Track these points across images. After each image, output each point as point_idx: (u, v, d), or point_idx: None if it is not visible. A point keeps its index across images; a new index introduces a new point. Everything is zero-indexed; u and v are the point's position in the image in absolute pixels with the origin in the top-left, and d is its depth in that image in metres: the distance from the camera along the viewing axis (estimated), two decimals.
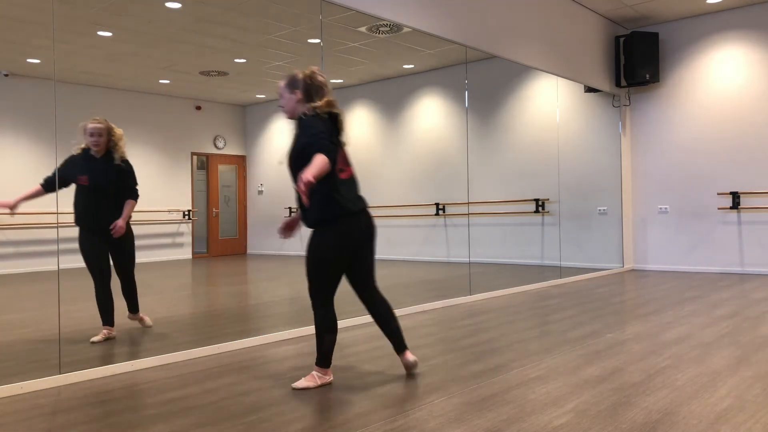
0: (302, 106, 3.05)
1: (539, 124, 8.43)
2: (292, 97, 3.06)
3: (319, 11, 4.89)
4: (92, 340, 4.20)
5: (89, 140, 4.21)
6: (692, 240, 8.15)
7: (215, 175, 8.17)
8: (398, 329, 3.24)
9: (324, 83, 3.06)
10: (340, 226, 3.03)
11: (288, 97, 3.08)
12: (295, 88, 3.05)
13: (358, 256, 3.15)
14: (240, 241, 8.99)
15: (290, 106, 3.08)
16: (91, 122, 4.22)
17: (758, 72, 7.68)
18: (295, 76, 3.07)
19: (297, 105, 3.06)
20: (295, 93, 3.05)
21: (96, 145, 4.21)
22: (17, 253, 5.57)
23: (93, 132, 4.19)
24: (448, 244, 7.98)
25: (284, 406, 2.80)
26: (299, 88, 3.04)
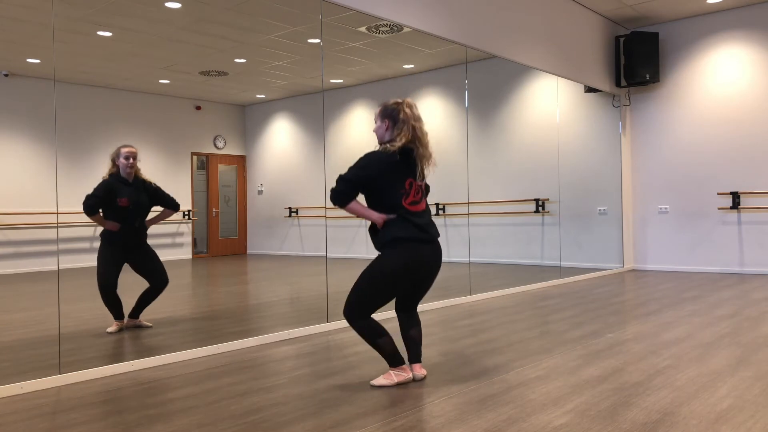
0: (387, 135, 3.17)
1: (539, 124, 8.43)
2: (381, 125, 3.18)
3: (319, 11, 4.89)
4: (108, 330, 4.48)
5: (124, 164, 4.51)
6: (692, 240, 8.15)
7: (215, 175, 8.17)
8: (418, 340, 3.24)
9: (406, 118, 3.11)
10: (406, 251, 3.06)
11: (378, 125, 3.20)
12: (384, 117, 3.17)
13: (419, 285, 3.19)
14: (240, 241, 8.99)
15: (379, 134, 3.21)
16: (125, 147, 4.53)
17: (758, 72, 7.68)
18: (386, 105, 3.18)
19: (384, 133, 3.18)
20: (385, 122, 3.16)
21: (131, 168, 4.53)
22: (17, 253, 5.57)
23: (129, 155, 4.51)
24: (448, 244, 7.98)
25: (284, 406, 2.80)
26: (387, 117, 3.16)
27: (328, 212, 6.36)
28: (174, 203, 4.78)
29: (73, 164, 5.76)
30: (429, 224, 3.16)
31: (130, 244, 4.57)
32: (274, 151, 10.07)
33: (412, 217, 3.08)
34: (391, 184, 3.07)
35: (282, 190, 9.98)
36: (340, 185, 3.05)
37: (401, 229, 3.06)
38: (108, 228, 4.49)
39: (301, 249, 9.90)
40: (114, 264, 4.52)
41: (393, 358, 3.13)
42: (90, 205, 4.39)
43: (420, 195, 3.17)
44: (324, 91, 6.47)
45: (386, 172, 3.06)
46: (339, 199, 3.05)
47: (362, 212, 3.10)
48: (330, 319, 4.74)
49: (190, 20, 6.21)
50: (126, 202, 4.48)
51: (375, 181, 3.06)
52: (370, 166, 3.06)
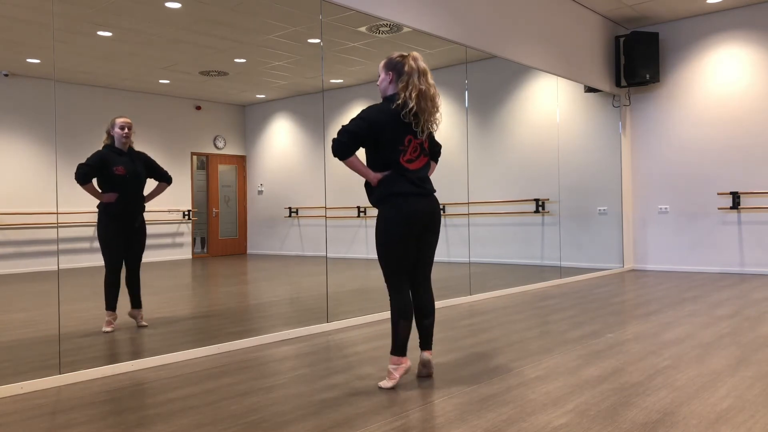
0: (391, 88, 3.15)
1: (539, 124, 8.43)
2: (385, 78, 3.17)
3: (319, 11, 4.89)
4: (104, 330, 4.44)
5: (120, 133, 4.51)
6: (692, 240, 8.15)
7: (215, 175, 8.17)
8: (430, 328, 3.25)
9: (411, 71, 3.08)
10: (401, 204, 3.06)
11: (381, 78, 3.19)
12: (389, 69, 3.15)
13: (422, 240, 3.17)
14: (240, 241, 8.99)
15: (382, 87, 3.20)
16: (121, 117, 4.54)
17: (758, 72, 7.68)
18: (391, 58, 3.16)
19: (388, 86, 3.17)
20: (389, 74, 3.15)
21: (126, 138, 4.53)
22: (17, 253, 5.57)
23: (124, 125, 4.52)
24: (448, 244, 7.98)
25: (284, 406, 2.80)
26: (391, 69, 3.14)
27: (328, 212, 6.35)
28: (168, 176, 4.77)
29: (73, 164, 5.75)
30: (423, 179, 3.16)
31: (129, 214, 4.54)
32: (274, 151, 10.07)
33: (406, 173, 3.09)
34: (391, 139, 3.07)
35: (282, 190, 9.98)
36: (342, 136, 3.03)
37: (395, 184, 3.07)
38: (105, 200, 4.44)
39: (301, 249, 9.90)
40: (118, 239, 4.49)
41: (400, 346, 3.10)
42: (82, 173, 4.32)
43: (418, 152, 3.15)
44: (324, 91, 6.47)
45: (387, 126, 3.05)
46: (340, 150, 3.03)
47: (360, 169, 3.10)
48: (330, 319, 4.74)
49: (190, 20, 6.20)
50: (122, 170, 4.45)
51: (376, 133, 3.05)
52: (372, 118, 3.06)
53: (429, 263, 3.25)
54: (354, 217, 9.08)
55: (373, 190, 3.16)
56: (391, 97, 3.12)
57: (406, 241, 3.08)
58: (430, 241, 3.20)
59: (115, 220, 4.49)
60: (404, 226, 3.06)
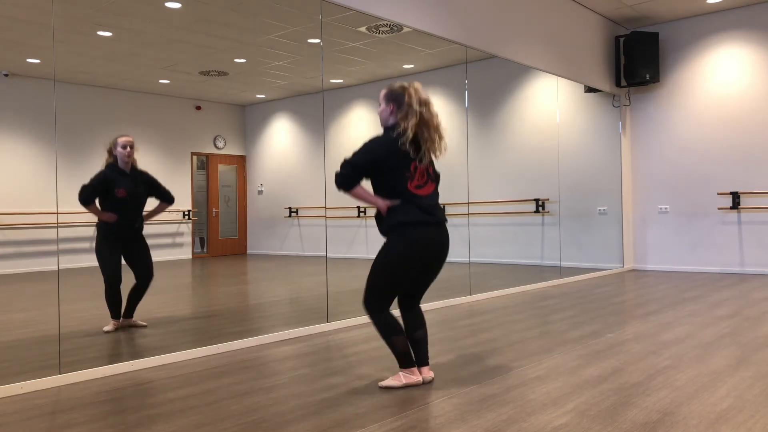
0: (392, 119, 3.13)
1: (539, 124, 8.43)
2: (386, 108, 3.14)
3: (319, 11, 4.89)
4: (105, 329, 4.47)
5: (121, 153, 4.49)
6: (692, 240, 8.15)
7: (215, 175, 8.17)
8: (425, 342, 3.19)
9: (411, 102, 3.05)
10: (412, 234, 3.02)
11: (382, 108, 3.16)
12: (389, 100, 3.12)
13: (425, 272, 3.13)
14: (240, 241, 9.00)
15: (383, 117, 3.17)
16: (122, 137, 4.50)
17: (758, 72, 7.68)
18: (392, 88, 3.14)
19: (389, 116, 3.14)
20: (389, 105, 3.12)
21: (128, 158, 4.50)
22: (17, 253, 5.57)
23: (126, 144, 4.49)
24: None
25: (284, 406, 2.80)
26: (392, 100, 3.12)
27: (328, 212, 6.35)
28: (170, 196, 4.76)
29: (73, 164, 5.76)
30: (434, 207, 3.12)
31: (126, 236, 4.54)
32: (274, 151, 10.07)
33: (416, 200, 3.04)
34: (396, 167, 3.03)
35: (282, 190, 9.98)
36: (345, 169, 3.01)
37: (406, 212, 3.02)
38: (105, 219, 4.45)
39: (301, 249, 9.90)
40: (116, 258, 4.49)
41: (404, 359, 3.08)
42: (85, 196, 4.36)
43: (425, 179, 3.12)
44: (324, 91, 6.47)
45: (391, 156, 3.03)
46: (344, 183, 3.02)
47: (366, 198, 3.08)
48: (330, 319, 4.74)
49: (190, 20, 6.20)
50: (123, 192, 4.44)
51: (380, 165, 3.02)
52: (374, 150, 3.04)
53: (428, 286, 3.24)
54: (354, 217, 9.08)
55: (382, 219, 3.11)
56: (392, 127, 3.10)
57: (408, 275, 3.06)
58: (435, 269, 3.17)
59: (111, 238, 4.50)
60: (410, 259, 3.02)
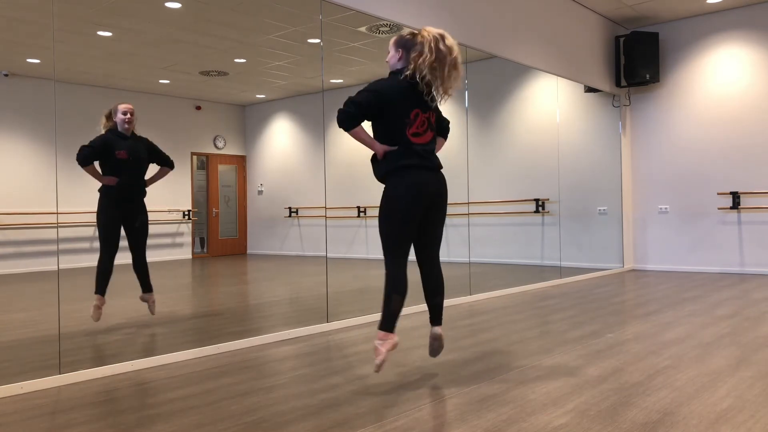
0: (399, 64, 3.16)
1: (539, 124, 8.42)
2: (395, 55, 3.18)
3: (319, 11, 4.89)
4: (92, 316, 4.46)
5: (122, 118, 4.52)
6: (692, 240, 8.15)
7: (215, 175, 8.16)
8: (440, 306, 3.26)
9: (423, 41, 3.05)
10: (408, 177, 3.05)
11: (391, 55, 3.20)
12: (398, 47, 3.17)
13: (428, 217, 3.15)
14: (240, 241, 8.99)
15: (391, 63, 3.21)
16: (123, 104, 4.54)
17: (758, 72, 7.68)
18: (402, 35, 3.18)
19: (397, 63, 3.18)
20: (398, 51, 3.16)
21: (129, 123, 4.53)
22: (17, 253, 5.56)
23: (126, 111, 4.53)
24: (448, 244, 7.98)
25: (284, 406, 2.80)
26: (401, 47, 3.16)
27: (328, 212, 6.35)
28: (170, 161, 4.78)
29: (73, 164, 5.75)
30: (430, 153, 3.15)
31: (129, 199, 4.54)
32: (274, 151, 10.07)
33: (413, 146, 3.08)
34: (397, 112, 3.06)
35: (282, 190, 9.98)
36: (349, 107, 3.02)
37: (401, 157, 3.06)
38: (105, 182, 4.44)
39: (301, 249, 9.90)
40: (115, 225, 4.49)
41: (389, 320, 3.04)
42: (84, 155, 4.34)
43: (425, 126, 3.14)
44: (324, 91, 6.47)
45: (394, 98, 3.05)
46: (346, 122, 3.03)
47: (366, 139, 3.10)
48: (330, 319, 4.74)
49: (190, 20, 6.20)
50: (125, 154, 4.46)
51: (383, 106, 3.05)
52: (379, 90, 3.05)
53: (437, 241, 3.24)
54: (354, 217, 9.08)
55: (379, 163, 3.15)
56: (398, 71, 3.13)
57: (411, 216, 3.05)
58: (436, 218, 3.17)
59: (115, 204, 4.48)
60: (410, 200, 3.03)
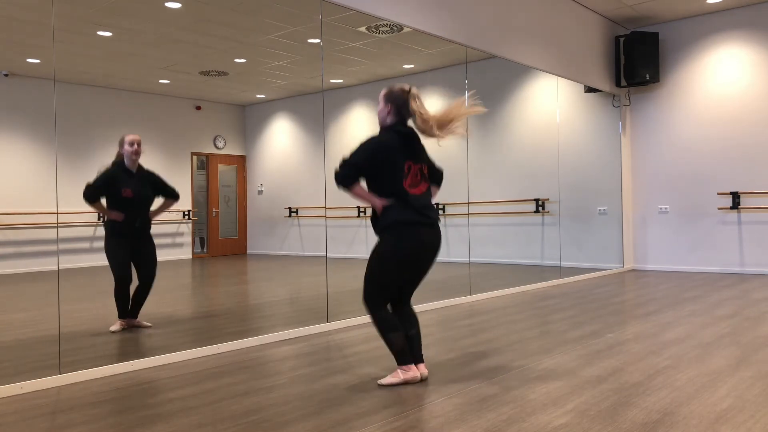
0: (389, 119, 3.23)
1: (539, 124, 8.43)
2: (384, 109, 3.24)
3: (319, 11, 4.89)
4: (111, 329, 4.49)
5: (129, 150, 4.52)
6: (692, 240, 8.15)
7: (215, 175, 8.16)
8: (417, 338, 3.24)
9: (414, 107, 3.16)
10: (406, 234, 3.10)
11: (381, 108, 3.26)
12: (388, 101, 3.23)
13: (419, 268, 3.20)
14: (240, 241, 8.99)
15: (381, 117, 3.27)
16: (130, 135, 4.54)
17: (758, 72, 7.68)
18: (392, 90, 3.23)
19: (387, 116, 3.25)
20: (388, 106, 3.23)
21: (136, 155, 4.53)
22: (17, 253, 5.56)
23: (133, 142, 4.52)
24: (448, 244, 7.98)
25: (284, 406, 2.80)
26: (390, 101, 3.22)
27: (328, 212, 6.36)
28: (175, 193, 4.80)
29: (73, 164, 5.76)
30: (427, 207, 3.20)
31: (135, 234, 4.58)
32: (274, 151, 10.07)
33: (410, 199, 3.13)
34: (392, 166, 3.13)
35: (282, 190, 9.98)
36: (344, 169, 3.10)
37: (400, 212, 3.11)
38: (112, 218, 4.48)
39: (301, 249, 9.90)
40: (125, 256, 4.53)
41: (401, 356, 3.14)
42: (89, 194, 4.39)
43: (419, 177, 3.21)
44: (324, 91, 6.48)
45: (387, 156, 3.12)
46: (343, 182, 3.11)
47: (364, 196, 3.17)
48: (330, 319, 4.74)
49: (190, 20, 6.20)
50: (130, 193, 4.48)
51: (377, 165, 3.12)
52: (372, 149, 3.13)
53: (418, 285, 3.31)
54: (354, 217, 9.08)
55: (377, 218, 3.19)
56: (389, 127, 3.20)
57: (404, 272, 3.14)
58: (426, 268, 3.24)
59: (122, 237, 4.53)
60: (406, 258, 3.11)
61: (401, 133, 3.18)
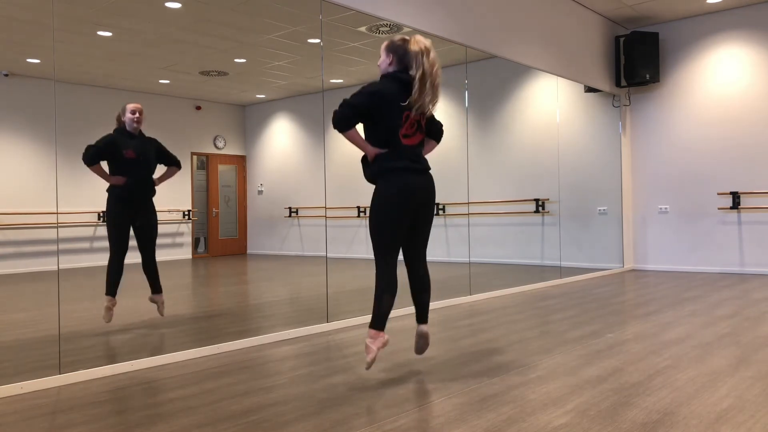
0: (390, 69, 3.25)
1: (539, 124, 8.42)
2: (386, 59, 3.27)
3: (319, 11, 4.89)
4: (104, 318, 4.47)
5: (131, 117, 4.52)
6: (692, 240, 8.15)
7: (215, 175, 8.16)
8: (426, 303, 3.34)
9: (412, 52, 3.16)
10: (397, 179, 3.13)
11: (382, 59, 3.28)
12: (390, 51, 3.25)
13: (417, 217, 3.22)
14: (240, 241, 8.99)
15: (382, 67, 3.29)
16: (132, 103, 4.55)
17: (758, 72, 7.68)
18: (393, 40, 3.25)
19: (388, 67, 3.27)
20: (389, 56, 3.25)
21: (138, 122, 4.52)
22: (17, 253, 5.56)
23: (135, 110, 4.53)
24: (448, 244, 7.98)
25: (284, 406, 2.80)
26: (392, 51, 3.24)
27: (328, 212, 6.35)
28: (177, 160, 4.78)
29: (73, 164, 5.75)
30: (418, 155, 3.23)
31: (138, 199, 4.54)
32: (274, 151, 10.07)
33: (402, 148, 3.16)
34: (390, 114, 3.14)
35: (282, 190, 9.98)
36: (344, 109, 3.10)
37: (391, 159, 3.14)
38: (113, 182, 4.44)
39: (301, 249, 9.89)
40: (124, 226, 4.49)
41: (380, 320, 3.13)
42: (90, 155, 4.34)
43: (414, 129, 3.23)
44: (324, 91, 6.47)
45: (386, 101, 3.13)
46: (341, 123, 3.11)
47: (359, 142, 3.17)
48: (330, 319, 4.74)
49: (190, 20, 6.20)
50: (132, 153, 4.46)
51: (377, 109, 3.13)
52: (373, 93, 3.13)
53: (424, 241, 3.33)
54: (354, 217, 9.08)
55: (368, 165, 3.22)
56: (390, 75, 3.21)
57: (400, 216, 3.14)
58: (425, 217, 3.26)
59: (124, 203, 4.48)
60: (399, 201, 3.12)
61: (402, 81, 3.17)
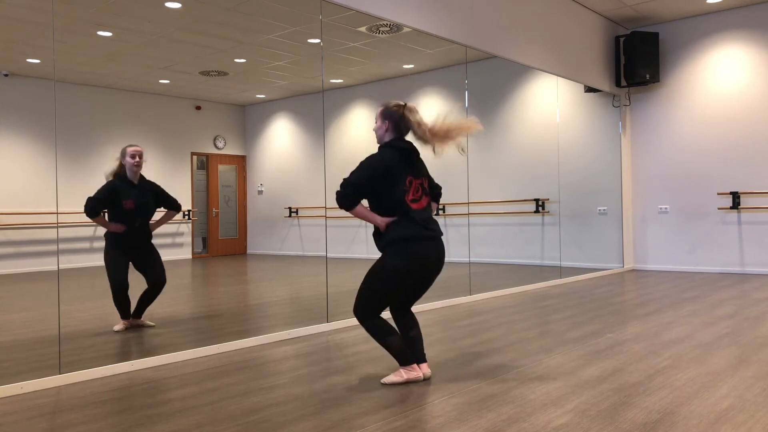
0: (387, 136, 3.25)
1: (539, 124, 8.42)
2: (382, 126, 3.26)
3: (319, 11, 4.89)
4: (115, 329, 4.50)
5: (131, 162, 4.51)
6: (692, 240, 8.15)
7: (215, 175, 8.16)
8: (419, 339, 3.25)
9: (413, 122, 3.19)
10: (412, 249, 3.10)
11: (378, 125, 3.28)
12: (385, 118, 3.24)
13: (424, 281, 3.21)
14: (240, 241, 8.99)
15: (378, 134, 3.29)
16: (131, 146, 4.53)
17: (758, 72, 7.68)
18: (388, 107, 3.25)
19: (384, 134, 3.26)
20: (385, 123, 3.24)
21: (138, 166, 4.52)
22: (17, 253, 5.56)
23: (135, 154, 4.51)
24: (448, 244, 7.99)
25: (284, 406, 2.80)
26: (387, 118, 3.23)
27: (328, 212, 6.36)
28: (177, 204, 4.80)
29: (73, 164, 5.76)
30: (430, 220, 3.21)
31: (135, 246, 4.57)
32: (274, 151, 10.07)
33: (413, 214, 3.13)
34: (393, 182, 3.13)
35: (282, 190, 9.98)
36: (346, 189, 3.09)
37: (404, 228, 3.11)
38: (112, 230, 4.47)
39: (301, 249, 9.90)
40: (122, 266, 4.51)
41: (402, 357, 3.15)
42: (91, 207, 4.38)
43: (420, 192, 3.22)
44: (324, 91, 6.47)
45: (389, 172, 3.12)
46: (345, 203, 3.11)
47: (367, 216, 3.16)
48: (330, 319, 4.74)
49: (190, 20, 6.20)
50: (131, 204, 4.47)
51: (378, 182, 3.11)
52: (373, 167, 3.12)
53: (422, 295, 3.33)
54: (354, 218, 9.08)
55: (381, 235, 3.18)
56: (388, 143, 3.20)
57: (409, 283, 3.15)
58: (431, 281, 3.25)
59: (122, 249, 4.51)
60: (411, 270, 3.11)
61: (401, 149, 3.17)
